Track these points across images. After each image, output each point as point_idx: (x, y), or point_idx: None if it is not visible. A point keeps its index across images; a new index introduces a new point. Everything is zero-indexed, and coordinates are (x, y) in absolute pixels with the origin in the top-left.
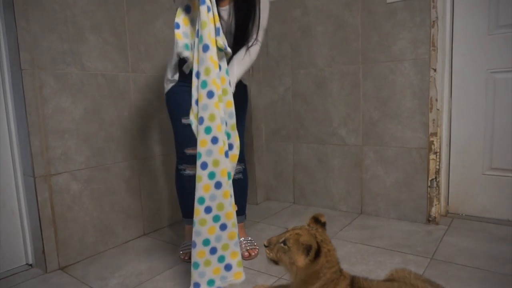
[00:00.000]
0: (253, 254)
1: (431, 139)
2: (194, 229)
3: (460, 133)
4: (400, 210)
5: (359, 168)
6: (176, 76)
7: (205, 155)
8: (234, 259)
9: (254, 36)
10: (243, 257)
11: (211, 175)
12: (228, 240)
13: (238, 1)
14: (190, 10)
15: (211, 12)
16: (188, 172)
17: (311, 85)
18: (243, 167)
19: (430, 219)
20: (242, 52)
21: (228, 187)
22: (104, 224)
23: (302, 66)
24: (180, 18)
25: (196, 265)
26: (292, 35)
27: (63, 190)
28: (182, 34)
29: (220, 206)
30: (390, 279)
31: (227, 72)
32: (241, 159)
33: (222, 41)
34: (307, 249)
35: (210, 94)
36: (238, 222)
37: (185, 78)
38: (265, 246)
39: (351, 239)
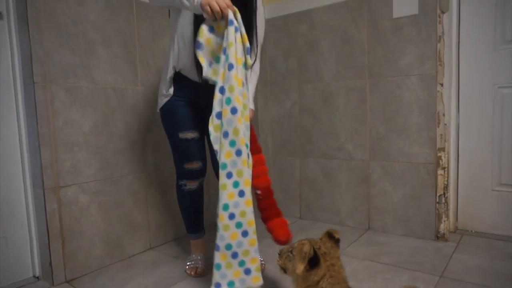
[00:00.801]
0: (264, 266)
1: (439, 154)
2: (218, 234)
3: (468, 148)
4: (408, 226)
5: (366, 183)
6: (171, 90)
7: (230, 165)
8: (254, 265)
9: (254, 54)
10: None
11: (236, 184)
12: (249, 246)
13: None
14: (214, 31)
15: (238, 32)
16: (189, 187)
17: (318, 100)
18: None
19: (439, 235)
20: (247, 72)
21: (250, 196)
22: (111, 237)
23: (308, 80)
24: (203, 38)
25: (219, 266)
26: (298, 49)
27: (72, 202)
28: (204, 55)
29: (243, 213)
30: None
31: (247, 89)
32: None
33: (250, 60)
34: (304, 258)
35: (234, 110)
36: None
37: (180, 92)
38: (278, 255)
39: (359, 255)
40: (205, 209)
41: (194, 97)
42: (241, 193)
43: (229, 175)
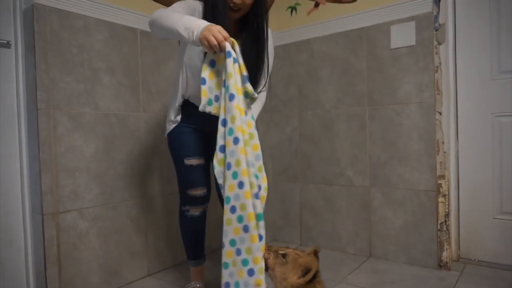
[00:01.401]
0: None
1: (439, 181)
2: (226, 272)
3: (468, 176)
4: (410, 253)
5: (367, 209)
6: (179, 117)
7: (233, 199)
8: (257, 265)
9: (263, 83)
10: None
11: (240, 219)
12: (255, 287)
13: (246, 47)
14: (215, 64)
15: (237, 64)
16: (191, 213)
17: (318, 126)
18: None
19: (441, 264)
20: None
21: (255, 232)
22: (109, 264)
23: (309, 107)
24: (206, 73)
25: (226, 265)
26: (299, 77)
27: (70, 228)
28: (207, 89)
29: (248, 250)
30: None
31: (252, 118)
32: None
33: (251, 88)
34: (304, 271)
35: (236, 140)
36: None
37: (188, 119)
38: (267, 250)
39: (360, 283)
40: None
41: (201, 124)
42: (245, 228)
43: (233, 210)
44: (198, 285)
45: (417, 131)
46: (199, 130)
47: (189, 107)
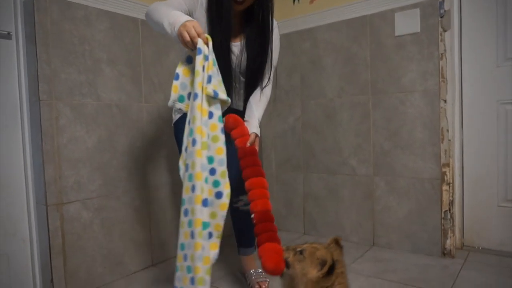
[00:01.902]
0: (263, 286)
1: (444, 169)
2: (176, 275)
3: (473, 164)
4: (414, 242)
5: (371, 198)
6: None
7: (187, 202)
8: (197, 274)
9: (267, 77)
10: None
11: (189, 224)
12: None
13: (251, 39)
14: (192, 61)
15: (207, 62)
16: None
17: (321, 116)
18: None
19: (445, 252)
20: (257, 93)
21: (199, 240)
22: (113, 254)
23: (312, 96)
24: (181, 68)
25: (177, 268)
26: (302, 66)
27: (74, 219)
28: (179, 85)
29: (192, 258)
30: None
31: (220, 119)
32: None
33: (212, 88)
34: (321, 264)
35: (194, 142)
36: (248, 254)
37: None
38: (285, 250)
39: (364, 272)
40: None
41: None
42: (192, 235)
43: (186, 212)
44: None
45: (421, 119)
46: None
47: None
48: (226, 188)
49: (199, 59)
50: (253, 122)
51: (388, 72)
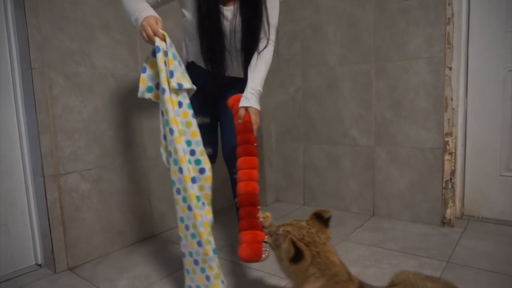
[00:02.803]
0: (263, 256)
1: (446, 139)
2: (181, 243)
3: (476, 133)
4: (414, 212)
5: (372, 169)
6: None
7: (177, 183)
8: (212, 272)
9: (264, 38)
10: None
11: (184, 199)
12: (204, 255)
13: (242, 1)
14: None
15: (167, 57)
16: None
17: (322, 85)
18: None
19: (445, 221)
20: (253, 59)
21: (197, 210)
22: (112, 225)
23: (313, 65)
24: (148, 62)
25: (188, 271)
26: (302, 34)
27: (72, 190)
28: (147, 77)
29: (194, 226)
30: (392, 285)
31: (189, 106)
32: None
33: (176, 82)
34: (287, 253)
35: (171, 131)
36: None
37: (194, 80)
38: (267, 234)
39: (364, 241)
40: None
41: (206, 84)
42: (189, 208)
43: (178, 191)
44: None
45: (424, 87)
46: (204, 90)
47: (193, 69)
48: (206, 164)
49: (159, 57)
50: (245, 94)
51: (392, 39)
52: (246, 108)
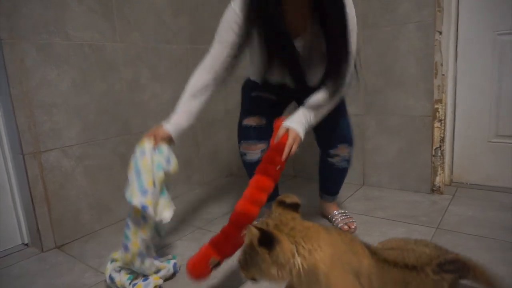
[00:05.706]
0: (352, 227)
1: (436, 106)
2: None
3: (465, 99)
4: (404, 180)
5: (361, 138)
6: (259, 81)
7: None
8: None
9: (341, 79)
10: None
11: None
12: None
13: (314, 27)
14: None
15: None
16: (249, 158)
17: None
18: (350, 153)
19: (434, 188)
20: (322, 95)
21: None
22: (99, 202)
23: None
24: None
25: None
26: None
27: (54, 168)
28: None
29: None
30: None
31: (158, 168)
32: (351, 142)
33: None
34: (255, 241)
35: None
36: (330, 201)
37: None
38: (241, 267)
39: (354, 210)
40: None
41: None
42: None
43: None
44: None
45: (414, 54)
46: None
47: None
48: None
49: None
50: (294, 116)
51: (380, 4)
52: (288, 129)
